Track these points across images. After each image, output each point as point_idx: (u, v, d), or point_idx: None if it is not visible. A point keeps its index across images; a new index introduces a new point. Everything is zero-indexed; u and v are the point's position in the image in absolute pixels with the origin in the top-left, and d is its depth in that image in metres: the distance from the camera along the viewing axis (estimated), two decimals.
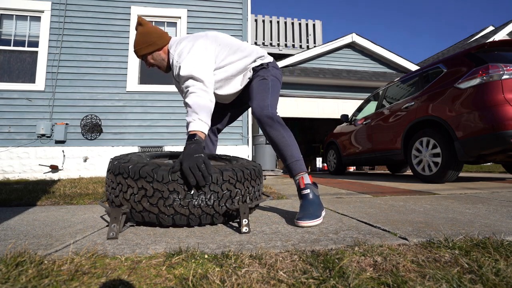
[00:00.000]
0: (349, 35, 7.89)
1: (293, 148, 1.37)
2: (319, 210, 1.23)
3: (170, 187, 1.08)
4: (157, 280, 0.65)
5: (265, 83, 1.49)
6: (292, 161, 1.35)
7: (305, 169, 1.36)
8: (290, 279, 0.63)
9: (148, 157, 1.40)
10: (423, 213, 1.38)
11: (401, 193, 2.25)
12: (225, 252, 0.81)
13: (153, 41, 1.47)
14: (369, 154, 4.25)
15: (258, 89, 1.48)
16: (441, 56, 10.59)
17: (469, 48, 2.98)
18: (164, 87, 5.31)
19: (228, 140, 5.37)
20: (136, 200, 1.11)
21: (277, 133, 1.37)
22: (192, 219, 1.12)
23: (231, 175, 1.18)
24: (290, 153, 1.36)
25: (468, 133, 2.61)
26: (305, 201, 1.28)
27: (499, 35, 8.21)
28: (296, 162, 1.35)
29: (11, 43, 5.04)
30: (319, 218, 1.19)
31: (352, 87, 7.78)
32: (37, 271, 0.67)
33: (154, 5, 5.42)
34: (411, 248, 0.85)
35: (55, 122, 4.92)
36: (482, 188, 2.49)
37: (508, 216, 1.30)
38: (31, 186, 2.77)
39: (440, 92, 2.95)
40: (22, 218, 1.41)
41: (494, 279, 0.61)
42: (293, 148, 1.37)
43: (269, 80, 1.50)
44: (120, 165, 1.16)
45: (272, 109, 1.42)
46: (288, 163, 1.37)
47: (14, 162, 4.78)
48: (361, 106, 4.94)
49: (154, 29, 1.49)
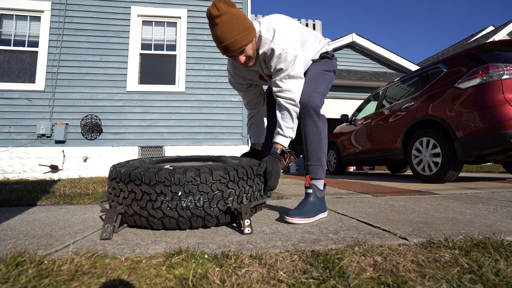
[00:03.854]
0: (349, 35, 7.89)
1: (322, 152, 1.32)
2: (313, 211, 1.23)
3: (157, 189, 1.06)
4: (157, 280, 0.65)
5: (325, 75, 1.41)
6: (317, 165, 1.32)
7: (324, 177, 1.34)
8: (290, 279, 0.63)
9: (153, 162, 1.41)
10: (423, 213, 1.38)
11: (401, 193, 2.25)
12: (225, 252, 0.81)
13: (250, 25, 1.18)
14: (369, 154, 4.25)
15: (315, 76, 1.38)
16: (441, 56, 10.59)
17: (469, 48, 2.97)
18: (164, 87, 5.31)
19: (228, 140, 5.37)
20: (127, 203, 1.11)
21: (316, 130, 1.30)
22: (182, 222, 1.08)
23: (222, 175, 1.12)
24: (319, 156, 1.32)
25: (468, 133, 2.61)
26: (304, 199, 1.29)
27: (499, 35, 8.21)
28: (319, 167, 1.32)
29: (11, 43, 5.04)
30: (309, 218, 1.19)
31: (352, 87, 7.78)
32: (37, 271, 0.67)
33: (154, 5, 5.42)
34: (411, 248, 0.85)
35: (55, 122, 4.92)
36: (482, 188, 2.49)
37: (508, 216, 1.30)
38: (31, 186, 2.77)
39: (440, 92, 2.95)
40: (22, 218, 1.41)
41: (494, 279, 0.61)
42: (323, 152, 1.33)
43: (329, 75, 1.44)
44: (115, 170, 1.19)
45: (320, 101, 1.33)
46: (311, 164, 1.33)
47: (14, 162, 4.78)
48: (361, 106, 4.94)
49: (240, 11, 1.18)
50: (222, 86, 5.47)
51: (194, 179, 1.08)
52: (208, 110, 5.39)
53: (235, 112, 5.45)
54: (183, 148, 5.23)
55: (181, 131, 5.25)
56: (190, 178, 1.08)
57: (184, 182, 1.07)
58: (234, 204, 1.15)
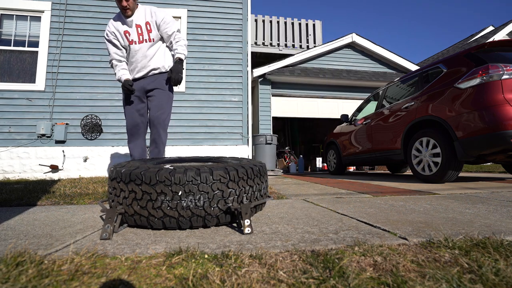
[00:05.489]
0: (349, 35, 7.88)
1: None
2: None
3: (158, 189, 1.07)
4: (157, 280, 0.65)
5: None
6: None
7: None
8: (290, 279, 0.63)
9: (154, 163, 1.41)
10: (423, 213, 1.38)
11: (401, 193, 2.25)
12: (225, 252, 0.81)
13: None
14: (369, 154, 4.25)
15: None
16: (441, 56, 10.59)
17: (469, 48, 2.97)
18: None
19: (228, 140, 5.37)
20: (128, 203, 1.11)
21: None
22: (182, 221, 1.08)
23: (223, 174, 1.12)
24: None
25: (468, 133, 2.61)
26: None
27: (499, 35, 8.21)
28: None
29: (11, 43, 5.03)
30: None
31: (352, 87, 7.78)
32: (37, 271, 0.67)
33: (154, 5, 5.42)
34: (411, 248, 0.85)
35: (55, 122, 4.92)
36: (482, 188, 2.49)
37: (508, 216, 1.30)
38: (31, 186, 2.77)
39: (440, 92, 2.95)
40: (23, 218, 1.42)
41: (494, 279, 0.61)
42: None
43: None
44: (116, 170, 1.19)
45: None
46: None
47: (14, 162, 4.78)
48: (361, 106, 4.94)
49: None
50: (222, 86, 5.47)
51: (194, 178, 1.09)
52: (208, 110, 5.39)
53: (235, 112, 5.46)
54: (183, 148, 5.23)
55: (181, 131, 5.25)
56: (191, 177, 1.08)
57: (184, 182, 1.07)
58: (234, 204, 1.15)
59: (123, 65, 2.39)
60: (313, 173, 6.77)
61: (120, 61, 2.37)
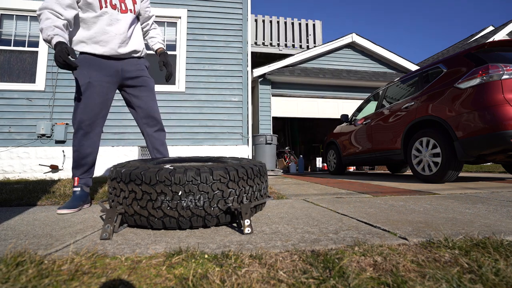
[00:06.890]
0: (349, 35, 7.88)
1: None
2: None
3: (158, 189, 1.07)
4: (157, 280, 0.65)
5: None
6: None
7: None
8: (290, 279, 0.63)
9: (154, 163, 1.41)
10: (423, 213, 1.38)
11: (401, 193, 2.25)
12: (225, 252, 0.81)
13: None
14: (369, 154, 4.25)
15: None
16: (441, 56, 10.59)
17: (469, 48, 2.97)
18: (164, 87, 5.31)
19: (228, 140, 5.37)
20: (128, 203, 1.11)
21: None
22: (182, 221, 1.08)
23: (223, 174, 1.12)
24: None
25: (468, 133, 2.61)
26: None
27: (499, 35, 8.21)
28: None
29: (11, 43, 5.03)
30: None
31: (352, 87, 7.78)
32: (37, 271, 0.67)
33: (154, 5, 5.42)
34: (411, 248, 0.85)
35: (55, 122, 4.92)
36: (482, 188, 2.49)
37: (508, 216, 1.30)
38: (31, 186, 2.77)
39: (440, 92, 2.95)
40: (23, 218, 1.42)
41: (494, 279, 0.61)
42: None
43: None
44: (115, 170, 1.19)
45: None
46: None
47: (14, 162, 4.78)
48: (361, 106, 4.94)
49: None
50: (222, 86, 5.47)
51: (194, 178, 1.09)
52: (208, 110, 5.39)
53: (235, 112, 5.46)
54: (183, 148, 5.23)
55: (181, 131, 5.25)
56: (191, 177, 1.08)
57: (184, 182, 1.07)
58: (234, 204, 1.15)
59: (61, 24, 1.58)
60: (313, 173, 6.77)
61: (59, 16, 1.60)
